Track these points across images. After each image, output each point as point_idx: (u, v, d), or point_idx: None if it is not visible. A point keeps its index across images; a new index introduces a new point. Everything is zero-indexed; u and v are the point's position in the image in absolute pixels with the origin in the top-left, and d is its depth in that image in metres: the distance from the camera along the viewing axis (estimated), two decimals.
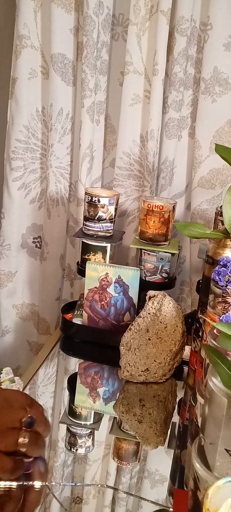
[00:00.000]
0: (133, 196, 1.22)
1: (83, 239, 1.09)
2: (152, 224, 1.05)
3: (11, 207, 1.26)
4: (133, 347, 0.89)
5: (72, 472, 0.68)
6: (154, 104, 1.11)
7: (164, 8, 1.05)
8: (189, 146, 1.19)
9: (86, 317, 1.06)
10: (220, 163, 1.12)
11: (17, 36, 1.16)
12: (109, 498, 0.64)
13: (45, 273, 1.30)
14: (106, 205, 1.06)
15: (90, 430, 0.77)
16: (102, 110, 1.20)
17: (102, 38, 1.14)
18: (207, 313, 0.71)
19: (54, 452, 0.70)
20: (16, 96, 1.19)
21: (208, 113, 1.12)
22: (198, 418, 0.61)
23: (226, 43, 1.08)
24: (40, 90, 1.21)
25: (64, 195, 1.25)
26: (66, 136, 1.21)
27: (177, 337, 0.91)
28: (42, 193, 1.28)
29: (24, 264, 1.33)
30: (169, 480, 0.68)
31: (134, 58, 1.13)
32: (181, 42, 1.09)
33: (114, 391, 0.90)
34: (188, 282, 1.27)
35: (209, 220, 1.15)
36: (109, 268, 1.04)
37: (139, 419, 0.79)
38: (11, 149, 1.22)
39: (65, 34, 1.14)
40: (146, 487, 0.66)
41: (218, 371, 0.45)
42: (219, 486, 0.38)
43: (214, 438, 0.43)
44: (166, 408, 0.83)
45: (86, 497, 0.63)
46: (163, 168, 1.18)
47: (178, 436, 0.78)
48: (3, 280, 1.31)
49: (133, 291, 1.03)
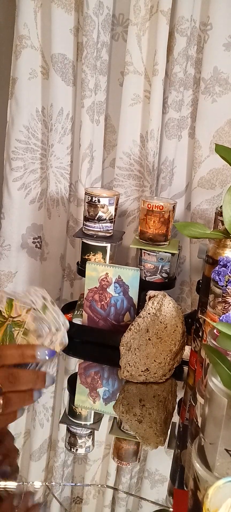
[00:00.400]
0: (133, 196, 1.22)
1: (83, 239, 1.09)
2: (152, 224, 1.06)
3: (11, 207, 1.26)
4: (133, 347, 0.89)
5: (72, 472, 0.68)
6: (154, 104, 1.11)
7: (164, 8, 1.05)
8: (189, 146, 1.19)
9: (86, 317, 1.06)
10: (220, 163, 1.12)
11: (17, 36, 1.16)
12: (109, 498, 0.64)
13: (45, 273, 1.30)
14: (106, 205, 1.06)
15: (90, 430, 0.77)
16: (102, 110, 1.20)
17: (102, 38, 1.14)
18: (207, 313, 0.71)
19: (54, 452, 0.71)
20: (16, 96, 1.19)
21: (208, 113, 1.12)
22: (198, 418, 0.61)
23: (226, 43, 1.08)
24: (40, 90, 1.21)
25: (64, 195, 1.25)
26: (66, 136, 1.21)
27: (177, 337, 0.91)
28: (42, 193, 1.28)
29: (24, 264, 1.33)
30: (169, 480, 0.68)
31: (134, 58, 1.13)
32: (181, 42, 1.09)
33: (114, 391, 0.90)
34: (188, 282, 1.27)
35: (209, 220, 1.15)
36: (109, 268, 1.04)
37: (139, 419, 0.79)
38: (11, 149, 1.22)
39: (65, 34, 1.14)
40: (146, 487, 0.66)
41: (218, 371, 0.45)
42: (219, 486, 0.38)
43: (214, 438, 0.43)
44: (166, 408, 0.83)
45: (86, 497, 0.63)
46: (163, 168, 1.18)
47: (178, 436, 0.78)
48: (3, 281, 1.31)
49: (133, 291, 1.03)
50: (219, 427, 0.42)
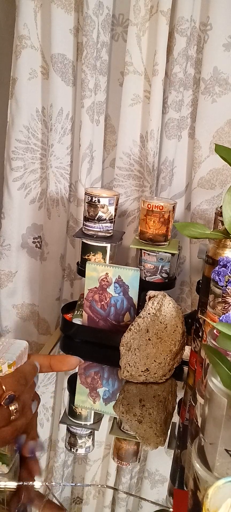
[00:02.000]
0: (133, 196, 1.22)
1: (83, 239, 1.09)
2: (152, 224, 1.06)
3: (11, 207, 1.26)
4: (133, 347, 0.89)
5: (72, 472, 0.68)
6: (154, 104, 1.11)
7: (164, 8, 1.05)
8: (189, 146, 1.19)
9: (86, 317, 1.06)
10: (220, 163, 1.12)
11: (17, 36, 1.16)
12: (110, 498, 0.64)
13: (45, 273, 1.30)
14: (106, 205, 1.06)
15: (90, 430, 0.77)
16: (102, 110, 1.20)
17: (102, 38, 1.14)
18: (207, 313, 0.71)
19: (54, 452, 0.70)
20: (16, 96, 1.19)
21: (208, 113, 1.12)
22: (198, 418, 0.61)
23: (226, 43, 1.08)
24: (40, 90, 1.21)
25: (64, 195, 1.25)
26: (66, 136, 1.21)
27: (177, 337, 0.91)
28: (42, 193, 1.28)
29: (24, 264, 1.33)
30: (169, 480, 0.68)
31: (133, 58, 1.13)
32: (181, 42, 1.09)
33: (114, 391, 0.90)
34: (188, 282, 1.27)
35: (209, 220, 1.15)
36: (109, 268, 1.04)
37: (139, 419, 0.79)
38: (11, 149, 1.22)
39: (65, 35, 1.14)
40: (146, 487, 0.66)
41: (218, 371, 0.45)
42: (219, 486, 0.38)
43: (214, 438, 0.43)
44: (166, 408, 0.83)
45: (86, 497, 0.63)
46: (163, 168, 1.18)
47: (178, 436, 0.78)
48: (3, 280, 1.31)
49: (133, 291, 1.03)
50: (219, 427, 0.42)
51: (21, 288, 1.34)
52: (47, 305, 1.32)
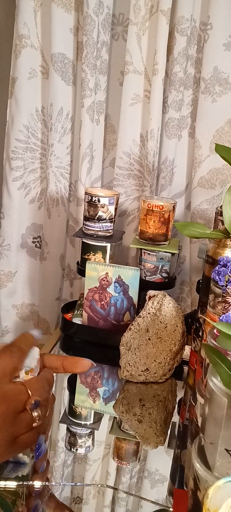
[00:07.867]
0: (133, 196, 1.22)
1: (83, 239, 1.09)
2: (152, 224, 1.05)
3: (11, 207, 1.26)
4: (133, 347, 0.89)
5: (72, 472, 0.68)
6: (154, 103, 1.11)
7: (164, 8, 1.05)
8: (189, 146, 1.19)
9: (86, 317, 1.06)
10: (220, 163, 1.12)
11: (17, 35, 1.16)
12: (109, 498, 0.64)
13: (45, 273, 1.30)
14: (106, 204, 1.06)
15: (90, 430, 0.77)
16: (102, 110, 1.20)
17: (102, 37, 1.14)
18: (207, 313, 0.71)
19: (54, 452, 0.70)
20: (16, 96, 1.19)
21: (208, 113, 1.12)
22: (198, 418, 0.61)
23: (226, 43, 1.08)
24: (40, 90, 1.21)
25: (64, 195, 1.25)
26: (66, 135, 1.21)
27: (177, 337, 0.91)
28: (42, 193, 1.28)
29: (24, 264, 1.33)
30: (169, 480, 0.68)
31: (134, 58, 1.13)
32: (181, 42, 1.09)
33: (114, 391, 0.90)
34: (188, 282, 1.27)
35: (209, 220, 1.15)
36: (109, 268, 1.03)
37: (139, 419, 0.79)
38: (11, 149, 1.22)
39: (65, 34, 1.14)
40: (146, 487, 0.66)
41: (218, 371, 0.45)
42: (219, 486, 0.38)
43: (214, 438, 0.43)
44: (166, 408, 0.83)
45: (86, 497, 0.63)
46: (163, 168, 1.18)
47: (178, 436, 0.78)
48: (3, 280, 1.31)
49: (133, 291, 1.03)
50: (219, 427, 0.42)
51: (21, 288, 1.34)
52: (47, 305, 1.32)
